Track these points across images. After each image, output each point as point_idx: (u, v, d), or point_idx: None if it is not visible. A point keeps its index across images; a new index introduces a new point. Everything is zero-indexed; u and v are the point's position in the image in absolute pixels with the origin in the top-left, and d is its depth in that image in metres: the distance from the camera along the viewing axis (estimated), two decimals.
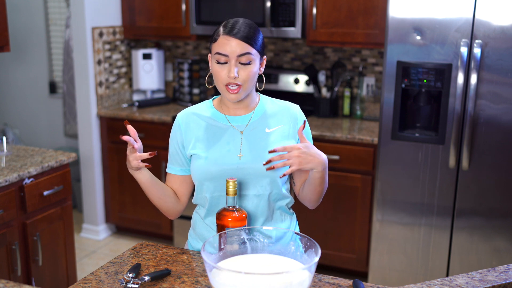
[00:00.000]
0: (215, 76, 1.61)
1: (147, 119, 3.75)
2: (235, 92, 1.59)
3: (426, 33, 2.74)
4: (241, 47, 1.56)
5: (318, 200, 1.69)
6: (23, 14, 4.72)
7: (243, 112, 1.69)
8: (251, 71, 1.59)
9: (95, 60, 3.85)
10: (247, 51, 1.57)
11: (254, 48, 1.58)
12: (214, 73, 1.61)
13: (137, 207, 3.94)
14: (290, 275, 1.23)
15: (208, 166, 1.64)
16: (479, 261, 2.87)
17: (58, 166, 2.72)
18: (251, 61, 1.58)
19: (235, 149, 1.65)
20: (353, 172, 3.27)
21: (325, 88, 3.69)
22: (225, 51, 1.56)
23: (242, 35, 1.56)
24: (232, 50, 1.56)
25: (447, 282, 1.44)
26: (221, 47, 1.57)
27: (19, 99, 4.94)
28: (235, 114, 1.69)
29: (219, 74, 1.59)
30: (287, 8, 3.41)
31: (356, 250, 3.36)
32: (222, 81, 1.59)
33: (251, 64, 1.59)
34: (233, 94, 1.60)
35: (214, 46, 1.60)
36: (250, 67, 1.58)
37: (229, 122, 1.68)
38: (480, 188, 2.80)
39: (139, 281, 1.44)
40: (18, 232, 2.55)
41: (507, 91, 2.67)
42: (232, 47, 1.56)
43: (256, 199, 1.66)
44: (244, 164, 1.63)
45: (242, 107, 1.68)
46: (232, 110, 1.69)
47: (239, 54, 1.56)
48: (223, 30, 1.58)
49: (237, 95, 1.60)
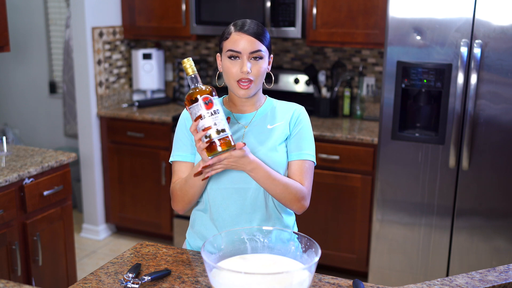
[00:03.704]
0: (227, 72, 1.64)
1: (147, 119, 3.75)
2: (246, 87, 1.62)
3: (426, 33, 2.74)
4: (252, 43, 1.61)
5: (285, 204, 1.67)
6: (23, 14, 4.72)
7: (249, 110, 1.73)
8: (261, 66, 1.63)
9: (95, 60, 3.85)
10: (258, 47, 1.62)
11: (264, 45, 1.63)
12: (226, 70, 1.64)
13: (137, 207, 3.94)
14: (290, 275, 1.23)
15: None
16: (479, 261, 2.87)
17: (58, 166, 2.72)
18: (262, 57, 1.63)
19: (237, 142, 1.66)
20: (353, 172, 3.27)
21: (325, 88, 3.69)
22: (238, 47, 1.61)
23: (253, 32, 1.62)
24: (245, 46, 1.60)
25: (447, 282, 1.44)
26: (233, 43, 1.61)
27: (19, 99, 4.94)
28: (241, 112, 1.72)
29: (230, 70, 1.62)
30: (287, 8, 3.41)
31: (356, 250, 3.36)
32: (234, 77, 1.62)
33: (262, 60, 1.64)
34: (244, 90, 1.63)
35: (225, 43, 1.64)
36: (261, 62, 1.63)
37: (235, 119, 1.71)
38: (480, 188, 2.80)
39: (139, 281, 1.44)
40: (18, 232, 2.55)
41: (507, 91, 2.67)
42: (244, 43, 1.61)
43: (255, 192, 1.67)
44: None
45: (249, 104, 1.72)
46: (239, 108, 1.72)
47: (251, 51, 1.61)
48: (234, 28, 1.63)
49: (247, 90, 1.63)
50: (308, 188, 1.69)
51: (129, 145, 3.86)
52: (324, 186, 3.32)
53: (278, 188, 1.62)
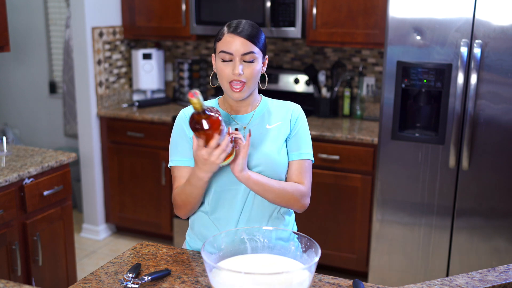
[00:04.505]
0: (220, 74, 1.64)
1: (147, 119, 3.75)
2: (239, 90, 1.62)
3: (426, 33, 2.74)
4: (245, 45, 1.60)
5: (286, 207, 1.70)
6: (23, 14, 4.72)
7: (246, 110, 1.72)
8: (254, 69, 1.62)
9: (95, 60, 3.85)
10: (251, 49, 1.60)
11: (257, 47, 1.62)
12: (219, 71, 1.64)
13: (137, 207, 3.94)
14: (290, 275, 1.23)
15: None
16: (479, 261, 2.87)
17: (58, 166, 2.72)
18: (255, 59, 1.62)
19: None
20: (353, 172, 3.27)
21: (325, 88, 3.69)
22: (230, 49, 1.60)
23: (246, 34, 1.60)
24: (237, 48, 1.59)
25: (447, 282, 1.44)
26: (226, 45, 1.60)
27: (19, 99, 4.94)
28: (238, 113, 1.72)
29: (223, 72, 1.62)
30: (287, 8, 3.41)
31: (356, 250, 3.36)
32: (227, 79, 1.62)
33: (255, 62, 1.62)
34: (237, 93, 1.62)
35: (218, 45, 1.63)
36: (254, 65, 1.62)
37: (232, 119, 1.71)
38: (480, 188, 2.80)
39: (139, 281, 1.44)
40: (18, 232, 2.55)
41: (507, 91, 2.66)
42: (236, 45, 1.59)
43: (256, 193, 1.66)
44: None
45: (244, 105, 1.71)
46: (235, 108, 1.72)
47: (243, 53, 1.60)
48: (227, 29, 1.62)
49: (240, 93, 1.62)
50: (308, 186, 1.71)
51: (129, 145, 3.86)
52: (324, 186, 3.32)
53: (270, 196, 1.63)
